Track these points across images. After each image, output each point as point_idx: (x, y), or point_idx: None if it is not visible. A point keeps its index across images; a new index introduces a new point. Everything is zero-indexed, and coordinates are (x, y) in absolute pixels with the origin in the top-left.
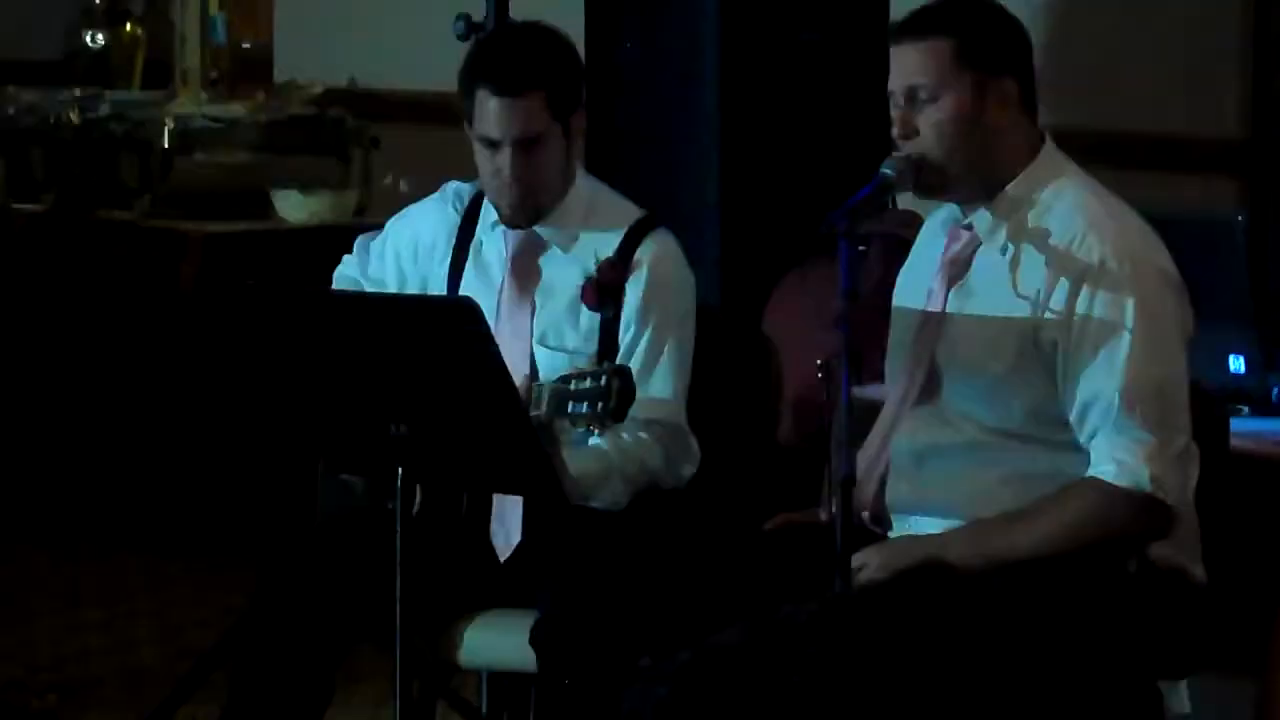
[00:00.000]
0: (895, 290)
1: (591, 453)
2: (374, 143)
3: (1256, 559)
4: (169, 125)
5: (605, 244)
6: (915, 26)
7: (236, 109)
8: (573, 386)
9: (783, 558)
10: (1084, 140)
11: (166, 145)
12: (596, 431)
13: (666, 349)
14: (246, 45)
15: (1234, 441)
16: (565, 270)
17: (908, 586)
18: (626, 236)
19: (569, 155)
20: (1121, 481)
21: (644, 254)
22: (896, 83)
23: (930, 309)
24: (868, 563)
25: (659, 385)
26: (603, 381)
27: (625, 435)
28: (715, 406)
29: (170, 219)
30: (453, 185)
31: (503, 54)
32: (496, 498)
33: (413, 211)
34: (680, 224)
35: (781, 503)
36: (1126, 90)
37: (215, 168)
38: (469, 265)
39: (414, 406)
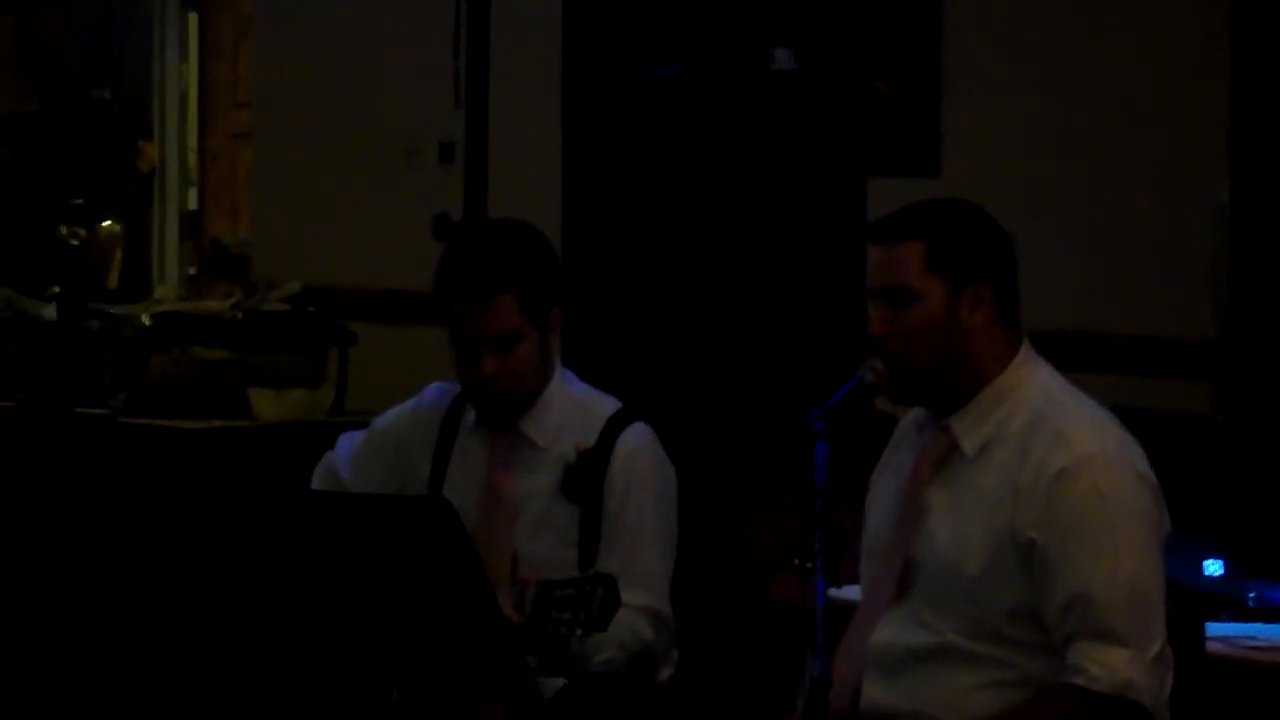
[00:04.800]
0: (870, 490)
1: None
2: (350, 340)
3: None
4: (146, 321)
5: (584, 437)
6: (890, 229)
7: (213, 305)
8: (557, 593)
9: None
10: (1058, 342)
11: (143, 341)
12: (580, 635)
13: (648, 539)
14: (225, 242)
15: (1210, 645)
16: (545, 465)
17: None
18: (605, 429)
19: (545, 351)
20: (1100, 688)
21: (622, 446)
22: (872, 283)
23: (907, 510)
24: None
25: (642, 574)
26: (587, 589)
27: None
28: (694, 606)
29: (146, 415)
30: (434, 387)
31: (471, 259)
32: None
33: (394, 414)
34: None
35: (759, 706)
36: (1100, 292)
37: (191, 364)
38: (451, 467)
39: (391, 607)
